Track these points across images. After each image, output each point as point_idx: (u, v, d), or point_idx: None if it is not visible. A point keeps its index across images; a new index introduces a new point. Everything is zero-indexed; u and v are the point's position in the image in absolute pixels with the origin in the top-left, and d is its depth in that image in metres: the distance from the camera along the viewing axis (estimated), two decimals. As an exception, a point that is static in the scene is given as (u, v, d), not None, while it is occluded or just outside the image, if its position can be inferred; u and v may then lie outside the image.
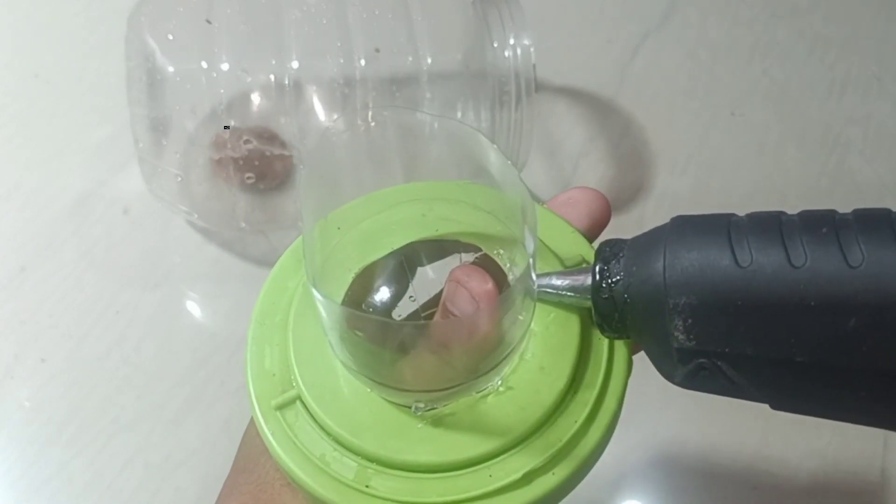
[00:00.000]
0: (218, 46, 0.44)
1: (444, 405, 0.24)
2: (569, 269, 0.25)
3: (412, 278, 0.29)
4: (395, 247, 0.27)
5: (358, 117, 0.27)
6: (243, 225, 0.49)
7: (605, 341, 0.26)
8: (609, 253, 0.24)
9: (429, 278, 0.29)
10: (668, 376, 0.24)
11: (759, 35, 0.67)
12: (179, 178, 0.47)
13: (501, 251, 0.28)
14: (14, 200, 0.54)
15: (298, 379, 0.25)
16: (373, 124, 0.27)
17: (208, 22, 0.44)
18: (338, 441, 0.24)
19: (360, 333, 0.23)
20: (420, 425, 0.24)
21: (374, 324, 0.24)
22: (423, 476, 0.24)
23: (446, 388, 0.24)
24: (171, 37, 0.44)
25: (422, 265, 0.29)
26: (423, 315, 0.29)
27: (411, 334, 0.24)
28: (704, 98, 0.63)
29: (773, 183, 0.59)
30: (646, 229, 0.25)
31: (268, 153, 0.45)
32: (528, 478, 0.23)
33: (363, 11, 0.46)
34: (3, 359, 0.48)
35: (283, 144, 0.46)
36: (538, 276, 0.25)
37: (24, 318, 0.49)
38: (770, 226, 0.22)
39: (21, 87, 0.59)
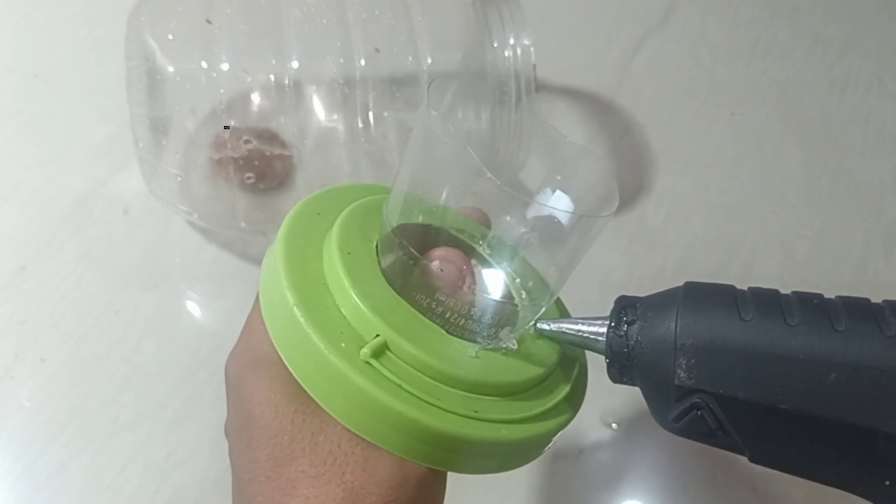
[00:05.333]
0: (218, 46, 0.44)
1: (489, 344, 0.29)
2: (589, 317, 0.29)
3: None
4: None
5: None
6: (243, 225, 0.49)
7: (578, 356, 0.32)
8: (627, 301, 0.28)
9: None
10: (661, 419, 0.27)
11: (760, 35, 0.67)
12: (179, 178, 0.47)
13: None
14: (14, 200, 0.54)
15: (383, 326, 0.26)
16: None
17: (208, 22, 0.44)
18: (436, 378, 0.27)
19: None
20: (476, 357, 0.28)
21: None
22: (510, 399, 0.28)
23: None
24: (171, 37, 0.44)
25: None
26: None
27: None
28: (704, 98, 0.63)
29: (773, 183, 0.59)
30: (646, 228, 0.26)
31: (268, 153, 0.45)
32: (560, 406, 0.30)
33: (363, 11, 0.46)
34: (3, 359, 0.48)
35: (283, 144, 0.46)
36: (560, 320, 0.30)
37: (24, 318, 0.49)
38: (769, 295, 0.26)
39: (21, 87, 0.59)
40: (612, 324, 0.28)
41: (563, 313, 0.34)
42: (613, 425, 0.48)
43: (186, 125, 0.45)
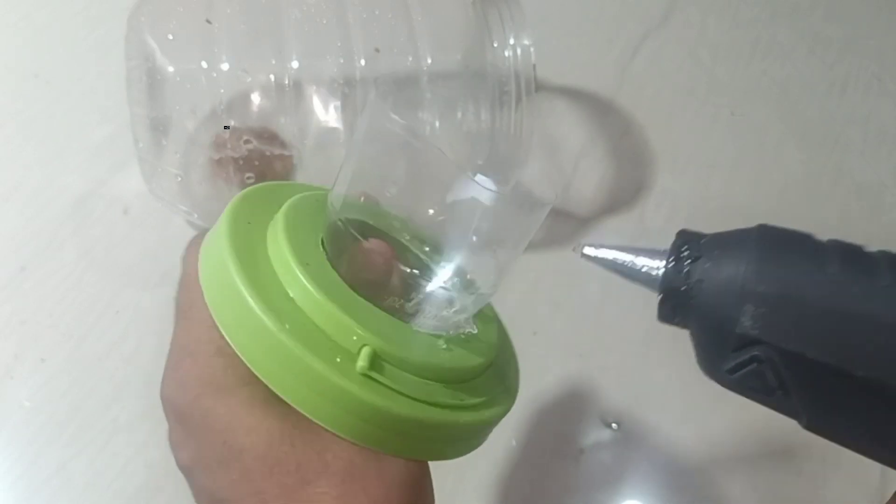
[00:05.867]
0: (218, 46, 0.44)
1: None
2: (644, 247, 0.26)
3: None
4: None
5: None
6: (243, 225, 0.49)
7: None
8: (690, 236, 0.25)
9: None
10: (712, 368, 0.24)
11: (760, 35, 0.67)
12: (179, 178, 0.47)
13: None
14: (14, 200, 0.54)
15: (363, 332, 0.26)
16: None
17: (208, 22, 0.44)
18: (422, 375, 0.27)
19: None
20: (448, 349, 0.29)
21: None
22: (472, 381, 0.29)
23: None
24: (171, 37, 0.44)
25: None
26: None
27: None
28: (704, 98, 0.63)
29: (773, 183, 0.59)
30: (646, 229, 0.26)
31: (268, 153, 0.45)
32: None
33: (363, 11, 0.46)
34: (4, 359, 0.48)
35: (283, 144, 0.46)
36: (611, 247, 0.27)
37: (24, 318, 0.49)
38: (854, 250, 0.23)
39: (21, 87, 0.59)
40: (672, 257, 0.25)
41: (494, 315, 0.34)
42: (613, 425, 0.48)
43: (186, 125, 0.45)
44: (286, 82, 0.44)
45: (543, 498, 0.46)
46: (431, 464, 0.27)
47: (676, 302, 0.25)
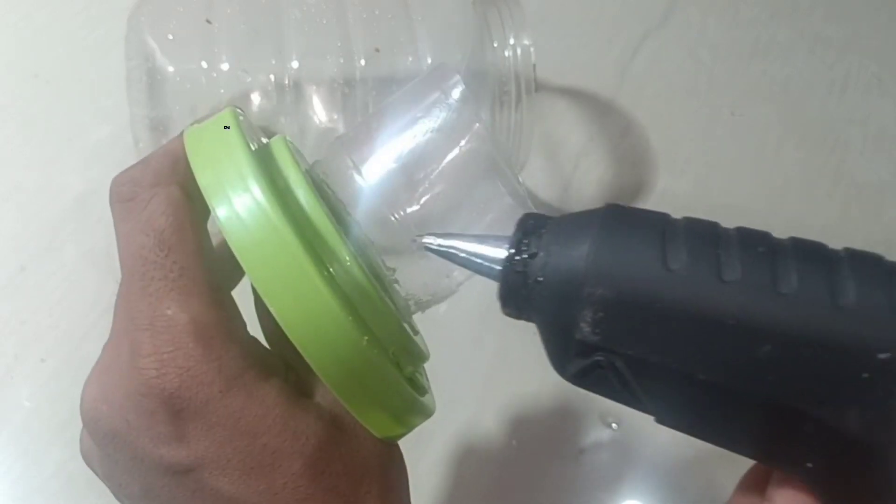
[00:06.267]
0: (218, 46, 0.44)
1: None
2: (484, 235, 0.24)
3: None
4: None
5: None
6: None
7: None
8: (532, 226, 0.23)
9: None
10: (560, 368, 0.23)
11: (760, 35, 0.67)
12: (179, 178, 0.47)
13: None
14: (14, 200, 0.54)
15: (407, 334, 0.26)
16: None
17: (208, 22, 0.44)
18: (420, 360, 0.28)
19: None
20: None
21: None
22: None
23: None
24: (170, 37, 0.44)
25: None
26: None
27: None
28: (704, 98, 0.63)
29: (773, 183, 0.59)
30: None
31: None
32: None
33: (363, 11, 0.46)
34: (4, 359, 0.48)
35: (283, 144, 0.46)
36: (452, 236, 0.24)
37: (24, 318, 0.49)
38: (707, 234, 0.21)
39: (21, 87, 0.59)
40: (511, 253, 0.22)
41: None
42: (613, 425, 0.48)
43: (186, 125, 0.45)
44: (286, 82, 0.44)
45: (543, 498, 0.46)
46: (434, 466, 0.27)
47: (517, 303, 0.23)
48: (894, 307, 0.19)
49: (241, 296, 0.27)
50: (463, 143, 0.27)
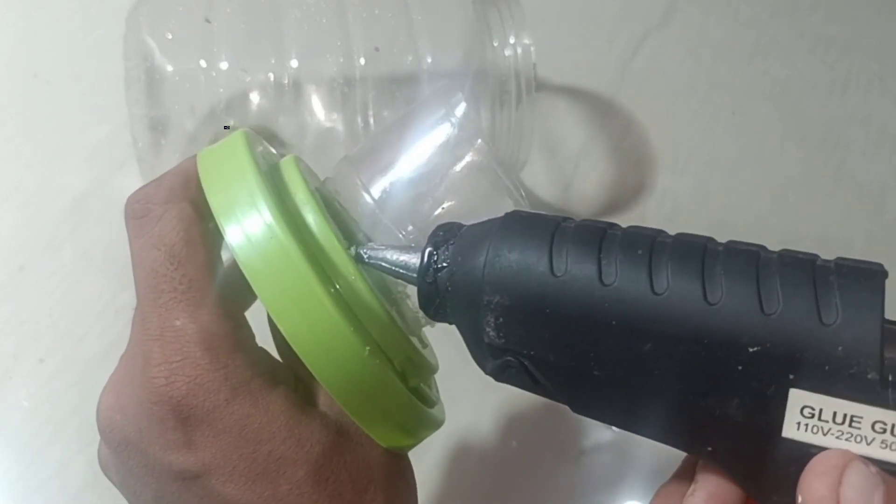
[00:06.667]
0: (217, 46, 0.44)
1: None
2: (403, 246, 0.26)
3: None
4: None
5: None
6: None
7: None
8: (441, 238, 0.25)
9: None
10: (481, 366, 0.25)
11: (760, 34, 0.67)
12: (179, 178, 0.47)
13: None
14: (14, 200, 0.54)
15: (407, 343, 0.27)
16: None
17: (207, 21, 0.44)
18: (429, 371, 0.29)
19: None
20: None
21: None
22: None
23: None
24: (169, 36, 0.44)
25: None
26: None
27: None
28: (705, 97, 0.63)
29: (774, 182, 0.59)
30: None
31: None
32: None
33: (363, 11, 0.45)
34: (3, 359, 0.48)
35: (282, 144, 0.46)
36: (374, 247, 0.26)
37: (24, 318, 0.49)
38: (591, 239, 0.22)
39: (20, 86, 0.59)
40: (422, 265, 0.24)
41: None
42: (614, 427, 0.48)
43: (185, 125, 0.45)
44: (285, 81, 0.44)
45: (543, 499, 0.46)
46: (434, 466, 0.27)
47: (434, 310, 0.25)
48: (761, 302, 0.20)
49: (256, 308, 0.27)
50: (467, 158, 0.28)
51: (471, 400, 0.47)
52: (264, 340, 0.28)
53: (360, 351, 0.24)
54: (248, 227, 0.24)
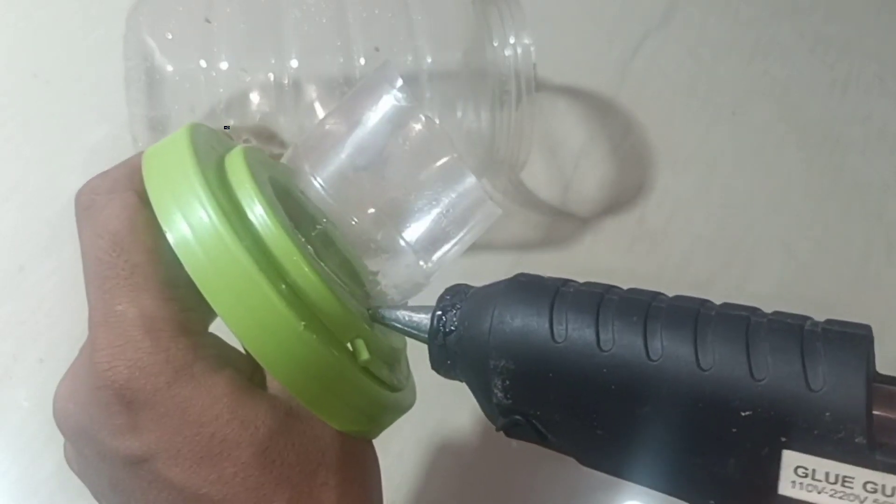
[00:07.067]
0: (217, 45, 0.44)
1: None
2: (415, 307, 0.27)
3: None
4: None
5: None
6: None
7: None
8: (448, 302, 0.26)
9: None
10: (492, 421, 0.26)
11: (760, 34, 0.66)
12: (178, 178, 0.47)
13: None
14: (13, 200, 0.54)
15: (360, 325, 0.26)
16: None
17: (207, 21, 0.44)
18: (394, 357, 0.29)
19: None
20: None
21: None
22: None
23: None
24: (169, 36, 0.44)
25: None
26: None
27: None
28: (705, 97, 0.63)
29: (774, 182, 0.59)
30: (647, 229, 0.26)
31: (267, 153, 0.45)
32: None
33: (363, 10, 0.45)
34: (2, 359, 0.48)
35: (282, 144, 0.46)
36: (389, 307, 0.28)
37: (23, 318, 0.49)
38: (589, 305, 0.23)
39: (20, 87, 0.59)
40: (433, 328, 0.26)
41: None
42: (614, 426, 0.48)
43: (185, 124, 0.45)
44: (285, 81, 0.44)
45: (543, 498, 0.46)
46: (435, 465, 0.27)
47: (445, 370, 0.26)
48: (751, 369, 0.21)
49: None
50: (411, 131, 0.28)
51: (471, 400, 0.47)
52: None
53: (294, 325, 0.24)
54: (188, 223, 0.25)
